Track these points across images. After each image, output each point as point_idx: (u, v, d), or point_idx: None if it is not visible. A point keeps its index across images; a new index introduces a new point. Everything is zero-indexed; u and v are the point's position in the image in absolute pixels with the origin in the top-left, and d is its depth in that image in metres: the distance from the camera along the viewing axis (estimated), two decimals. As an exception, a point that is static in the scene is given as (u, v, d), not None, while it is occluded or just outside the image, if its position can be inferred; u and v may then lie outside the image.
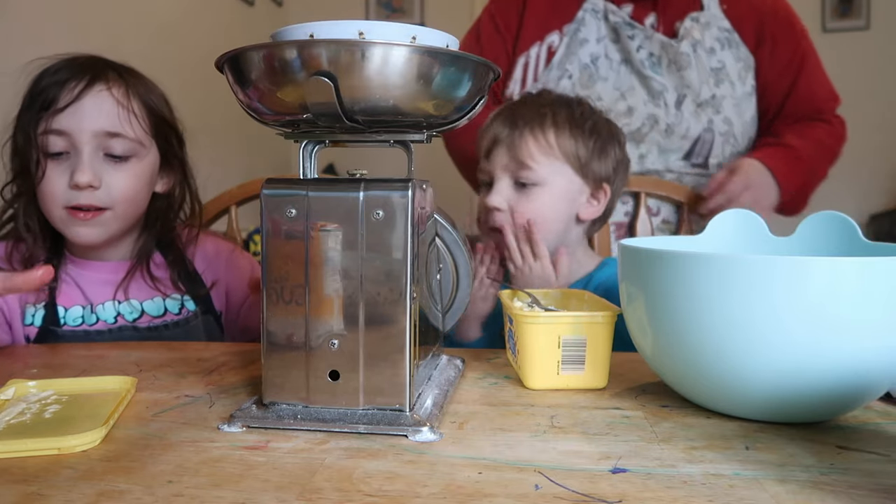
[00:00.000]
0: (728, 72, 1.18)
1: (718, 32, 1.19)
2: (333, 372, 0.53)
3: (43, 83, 0.87)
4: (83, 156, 0.86)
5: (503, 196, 0.98)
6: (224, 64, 0.53)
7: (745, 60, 1.19)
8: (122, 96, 0.88)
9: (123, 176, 0.89)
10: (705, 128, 1.19)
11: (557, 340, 0.63)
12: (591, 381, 0.64)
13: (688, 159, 1.19)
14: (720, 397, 0.55)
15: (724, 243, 0.70)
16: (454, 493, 0.42)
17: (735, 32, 1.19)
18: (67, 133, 0.85)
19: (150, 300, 0.95)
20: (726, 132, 1.18)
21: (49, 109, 0.85)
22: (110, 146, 0.87)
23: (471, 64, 0.52)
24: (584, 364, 0.63)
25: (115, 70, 0.91)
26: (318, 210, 0.53)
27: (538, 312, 0.65)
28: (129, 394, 0.60)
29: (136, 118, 0.89)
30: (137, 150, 0.90)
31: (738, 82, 1.18)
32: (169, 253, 0.98)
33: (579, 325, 0.63)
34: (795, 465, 0.46)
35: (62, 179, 0.86)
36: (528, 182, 0.97)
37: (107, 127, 0.87)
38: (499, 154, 0.99)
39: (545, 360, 0.63)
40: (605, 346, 0.63)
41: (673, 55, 1.18)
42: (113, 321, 0.93)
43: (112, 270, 0.94)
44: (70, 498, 0.41)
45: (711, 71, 1.18)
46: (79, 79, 0.86)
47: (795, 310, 0.48)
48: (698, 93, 1.19)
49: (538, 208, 0.97)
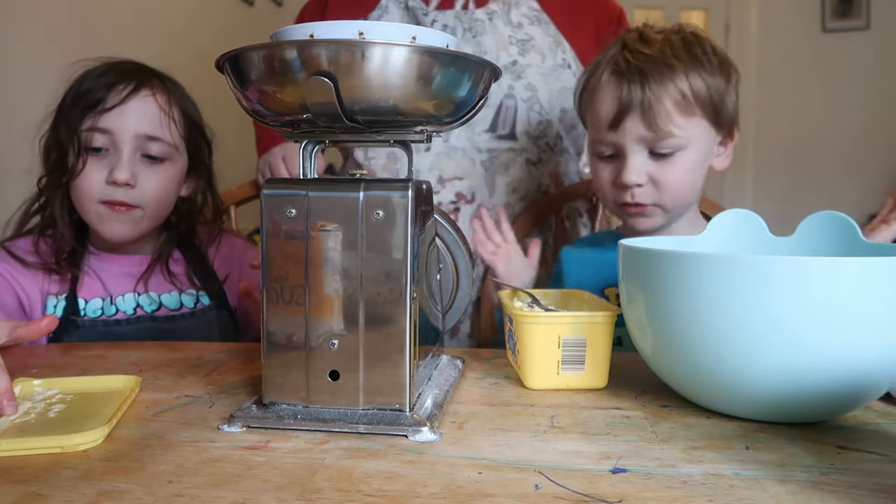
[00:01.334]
0: (536, 43, 1.16)
1: (528, 10, 1.18)
2: (333, 372, 0.53)
3: (88, 84, 0.92)
4: (123, 155, 0.91)
5: (641, 170, 0.87)
6: (224, 64, 0.53)
7: (555, 37, 1.18)
8: (164, 103, 0.94)
9: (157, 178, 0.94)
10: (506, 94, 1.15)
11: (557, 340, 0.63)
12: (591, 381, 0.64)
13: (493, 131, 1.15)
14: (720, 397, 0.55)
15: (724, 243, 0.70)
16: (454, 493, 0.42)
17: (544, 13, 1.18)
18: (111, 132, 0.91)
19: (168, 294, 0.99)
20: (529, 98, 1.14)
21: (96, 108, 0.90)
22: (148, 148, 0.93)
23: (471, 64, 0.52)
24: (584, 364, 0.63)
25: (159, 77, 0.97)
26: (318, 210, 0.53)
27: (538, 312, 0.65)
28: (134, 393, 0.60)
29: (175, 124, 0.95)
30: (172, 154, 0.96)
31: (548, 53, 1.16)
32: (188, 251, 1.02)
33: (579, 325, 0.63)
34: (795, 465, 0.46)
35: (100, 175, 0.91)
36: (670, 150, 0.86)
37: (148, 130, 0.92)
38: (632, 123, 0.85)
39: (545, 360, 0.63)
40: (604, 347, 0.63)
41: (468, 23, 1.14)
42: (132, 312, 0.97)
43: (133, 264, 0.98)
44: (70, 498, 0.41)
45: (519, 42, 1.15)
46: (126, 82, 0.92)
47: (795, 310, 0.48)
48: (496, 58, 1.14)
49: (681, 175, 0.87)
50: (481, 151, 1.14)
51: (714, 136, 0.90)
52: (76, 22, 1.72)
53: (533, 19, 1.18)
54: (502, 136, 1.15)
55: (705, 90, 0.85)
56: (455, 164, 1.13)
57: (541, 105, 1.16)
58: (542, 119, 1.16)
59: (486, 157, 1.14)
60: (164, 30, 2.13)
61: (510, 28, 1.16)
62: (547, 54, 1.16)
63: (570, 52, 1.19)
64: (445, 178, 1.13)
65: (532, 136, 1.16)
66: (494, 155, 1.15)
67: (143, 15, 2.03)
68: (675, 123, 0.85)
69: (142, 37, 1.98)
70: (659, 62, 0.85)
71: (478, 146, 1.14)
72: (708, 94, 0.85)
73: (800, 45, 3.55)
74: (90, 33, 1.76)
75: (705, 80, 0.85)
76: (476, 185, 1.14)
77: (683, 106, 0.85)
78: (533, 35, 1.16)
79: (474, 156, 1.14)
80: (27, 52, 1.52)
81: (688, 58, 0.86)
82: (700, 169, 0.90)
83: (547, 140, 1.17)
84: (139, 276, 0.97)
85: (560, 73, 1.17)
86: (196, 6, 2.39)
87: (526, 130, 1.15)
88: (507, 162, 1.15)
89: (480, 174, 1.14)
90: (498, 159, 1.15)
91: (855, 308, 0.48)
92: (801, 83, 3.53)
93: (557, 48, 1.17)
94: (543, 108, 1.16)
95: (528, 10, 1.18)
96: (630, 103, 0.85)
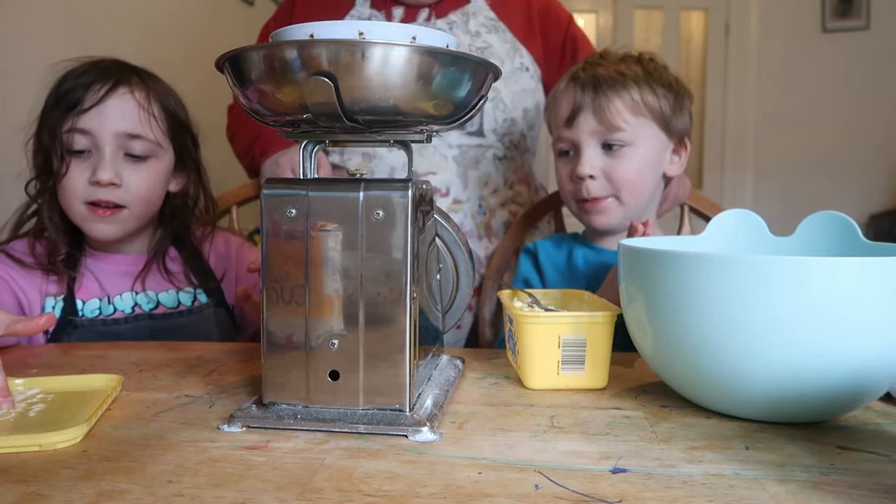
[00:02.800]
0: (495, 50, 1.20)
1: (485, 20, 1.22)
2: (333, 372, 0.53)
3: (68, 84, 0.91)
4: (105, 154, 0.90)
5: (594, 163, 0.95)
6: (224, 64, 0.53)
7: (511, 43, 1.22)
8: (143, 99, 0.93)
9: (141, 175, 0.93)
10: None
11: (557, 340, 0.63)
12: (591, 381, 0.64)
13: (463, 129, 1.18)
14: (720, 397, 0.55)
15: (724, 243, 0.70)
16: (454, 493, 0.42)
17: (500, 21, 1.23)
18: (91, 132, 0.90)
19: (165, 292, 0.99)
20: (494, 98, 1.19)
21: (74, 109, 0.89)
22: (130, 146, 0.92)
23: (471, 64, 0.52)
24: (584, 364, 0.63)
25: (137, 74, 0.95)
26: (318, 210, 0.53)
27: (538, 312, 0.65)
28: (115, 391, 0.61)
29: (156, 120, 0.94)
30: (156, 150, 0.94)
31: (506, 59, 1.20)
32: (184, 248, 1.02)
33: (579, 326, 0.63)
34: (795, 465, 0.46)
35: (83, 176, 0.91)
36: (619, 143, 0.94)
37: (128, 128, 0.91)
38: (584, 120, 0.95)
39: (545, 360, 0.63)
40: (604, 347, 0.63)
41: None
42: (130, 311, 0.96)
43: (130, 263, 0.98)
44: (70, 498, 0.41)
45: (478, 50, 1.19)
46: (103, 81, 0.91)
47: (795, 310, 0.48)
48: None
49: (631, 170, 0.94)
50: (452, 147, 1.17)
51: (665, 142, 0.97)
52: (75, 22, 1.72)
53: (490, 27, 1.22)
54: (471, 132, 1.18)
55: (655, 101, 0.94)
56: (427, 160, 1.17)
57: (505, 104, 1.20)
58: (507, 117, 1.20)
59: (458, 153, 1.18)
60: (163, 29, 2.13)
61: (469, 37, 1.20)
62: (505, 59, 1.20)
63: (527, 56, 1.23)
64: (419, 174, 1.17)
65: (498, 133, 1.20)
66: (464, 150, 1.18)
67: (142, 15, 2.03)
68: (624, 119, 0.93)
69: (141, 37, 1.98)
70: (613, 72, 0.95)
71: (448, 142, 1.17)
72: (658, 104, 0.95)
73: (800, 45, 3.55)
74: (89, 33, 1.76)
75: (656, 92, 0.94)
76: (449, 179, 1.17)
77: (633, 107, 0.94)
78: (491, 42, 1.21)
79: (445, 152, 1.17)
80: (25, 52, 1.52)
81: (641, 72, 0.95)
82: (651, 168, 0.97)
83: (511, 137, 1.22)
84: (136, 274, 0.97)
85: (519, 76, 1.21)
86: (196, 6, 2.39)
87: (493, 128, 1.20)
88: (477, 157, 1.19)
89: (453, 169, 1.17)
90: (468, 154, 1.19)
91: (855, 308, 0.48)
92: (800, 83, 3.53)
93: (515, 53, 1.22)
94: (507, 107, 1.20)
95: (485, 19, 1.22)
96: (583, 103, 0.95)
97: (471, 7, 1.22)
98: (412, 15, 1.21)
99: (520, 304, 0.72)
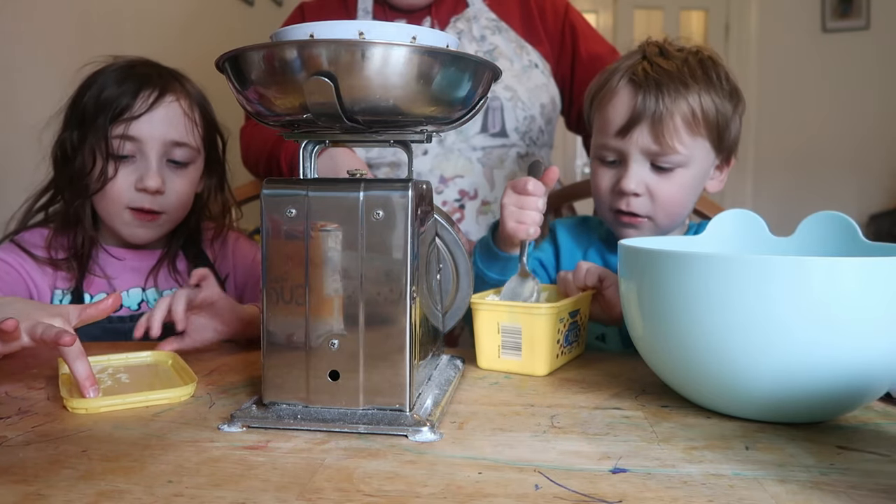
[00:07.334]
0: (502, 50, 1.21)
1: (487, 22, 1.23)
2: (333, 372, 0.53)
3: (110, 91, 0.91)
4: (151, 162, 0.92)
5: (641, 179, 0.88)
6: (224, 64, 0.53)
7: (517, 42, 1.23)
8: (187, 108, 0.95)
9: (182, 182, 0.95)
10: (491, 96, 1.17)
11: (497, 326, 0.69)
12: (529, 367, 0.69)
13: (485, 131, 1.19)
14: (720, 397, 0.55)
15: (724, 243, 0.70)
16: (454, 493, 0.42)
17: (502, 21, 1.24)
18: (139, 139, 0.91)
19: (171, 290, 0.98)
20: (512, 97, 1.20)
21: (123, 115, 0.90)
22: (174, 153, 0.94)
23: (471, 64, 0.52)
24: (520, 350, 0.68)
25: (179, 81, 0.97)
26: (318, 210, 0.53)
27: (483, 297, 0.72)
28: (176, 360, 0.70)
29: (197, 127, 0.96)
30: (195, 157, 0.97)
31: (514, 58, 1.21)
32: (191, 247, 1.02)
33: (515, 314, 0.68)
34: (795, 465, 0.46)
35: (128, 181, 0.92)
36: (670, 165, 0.87)
37: (175, 137, 0.93)
38: (639, 134, 0.86)
39: (489, 343, 0.70)
40: (544, 337, 0.67)
41: None
42: (136, 307, 0.96)
43: (139, 258, 0.99)
44: (70, 498, 0.41)
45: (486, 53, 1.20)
46: (150, 88, 0.92)
47: (795, 310, 0.48)
48: None
49: (676, 193, 0.88)
50: (476, 150, 1.18)
51: (713, 160, 0.92)
52: (76, 22, 1.72)
53: (493, 29, 1.22)
54: (494, 133, 1.19)
55: (714, 112, 0.87)
56: (453, 164, 1.17)
57: (523, 102, 1.21)
58: (527, 114, 1.21)
59: (482, 154, 1.18)
60: (164, 30, 2.13)
61: (475, 43, 1.21)
62: (514, 58, 1.21)
63: (533, 52, 1.24)
64: (447, 178, 1.16)
65: (520, 131, 1.21)
66: (488, 151, 1.19)
67: (143, 15, 2.03)
68: (681, 140, 0.86)
69: (142, 37, 1.98)
70: (675, 77, 0.87)
71: (472, 145, 1.18)
72: (715, 116, 0.87)
73: (800, 45, 3.55)
74: (90, 33, 1.76)
75: (715, 102, 0.87)
76: (476, 181, 1.17)
77: (691, 124, 0.87)
78: (497, 44, 1.21)
79: (470, 154, 1.18)
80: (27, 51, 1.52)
81: (703, 78, 0.88)
82: (695, 189, 0.91)
83: (531, 134, 1.22)
84: (146, 271, 0.97)
85: (530, 72, 1.22)
86: (196, 6, 2.39)
87: (515, 127, 1.20)
88: (501, 156, 1.20)
89: (479, 171, 1.18)
90: (492, 154, 1.19)
91: (855, 308, 0.48)
92: (801, 83, 3.53)
93: (521, 51, 1.22)
94: (526, 104, 1.21)
95: (487, 20, 1.23)
96: (643, 112, 0.86)
97: (471, 11, 1.23)
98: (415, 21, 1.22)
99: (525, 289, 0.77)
